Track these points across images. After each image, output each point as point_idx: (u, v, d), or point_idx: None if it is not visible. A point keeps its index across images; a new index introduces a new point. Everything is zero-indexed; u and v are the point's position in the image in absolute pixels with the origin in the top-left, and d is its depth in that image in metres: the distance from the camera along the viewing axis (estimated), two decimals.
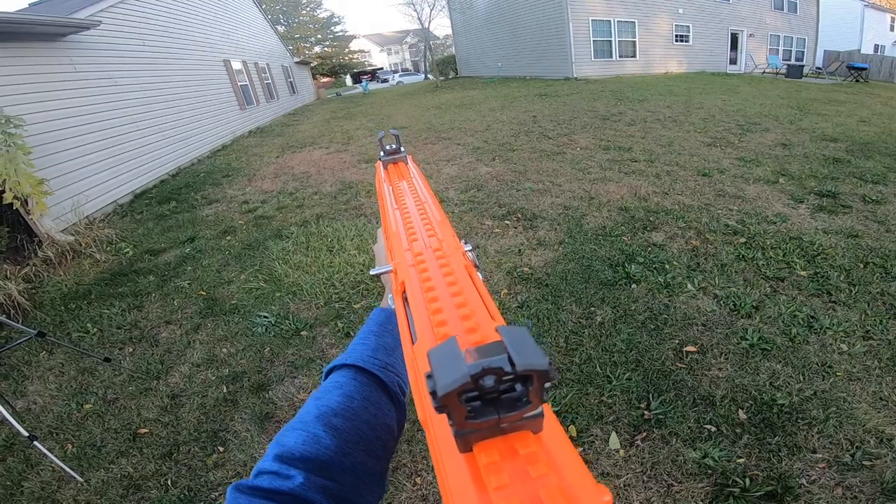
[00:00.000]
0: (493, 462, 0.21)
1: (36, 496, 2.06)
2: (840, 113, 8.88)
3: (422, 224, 0.46)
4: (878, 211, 4.08)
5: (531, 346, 0.21)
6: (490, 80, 19.52)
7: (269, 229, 4.76)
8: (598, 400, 2.21)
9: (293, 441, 0.43)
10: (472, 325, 0.28)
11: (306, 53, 43.70)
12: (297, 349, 2.83)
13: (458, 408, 0.20)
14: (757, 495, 1.72)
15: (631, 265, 3.32)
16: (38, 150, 4.72)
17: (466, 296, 0.32)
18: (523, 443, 0.21)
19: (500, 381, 0.20)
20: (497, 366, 0.20)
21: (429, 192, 0.58)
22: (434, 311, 0.30)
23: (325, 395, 0.48)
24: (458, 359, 0.21)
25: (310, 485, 0.40)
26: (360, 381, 0.50)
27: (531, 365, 0.20)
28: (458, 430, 0.21)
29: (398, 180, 0.63)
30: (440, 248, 0.40)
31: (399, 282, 0.40)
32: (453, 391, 0.19)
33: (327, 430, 0.44)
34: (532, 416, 0.21)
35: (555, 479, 0.19)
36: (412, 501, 1.86)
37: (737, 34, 19.62)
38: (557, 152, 6.57)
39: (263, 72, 15.26)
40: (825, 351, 2.42)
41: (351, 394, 0.48)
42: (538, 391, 0.21)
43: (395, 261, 0.44)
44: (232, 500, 0.39)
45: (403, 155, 0.71)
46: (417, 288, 0.35)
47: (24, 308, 3.59)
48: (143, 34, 8.05)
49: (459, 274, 0.35)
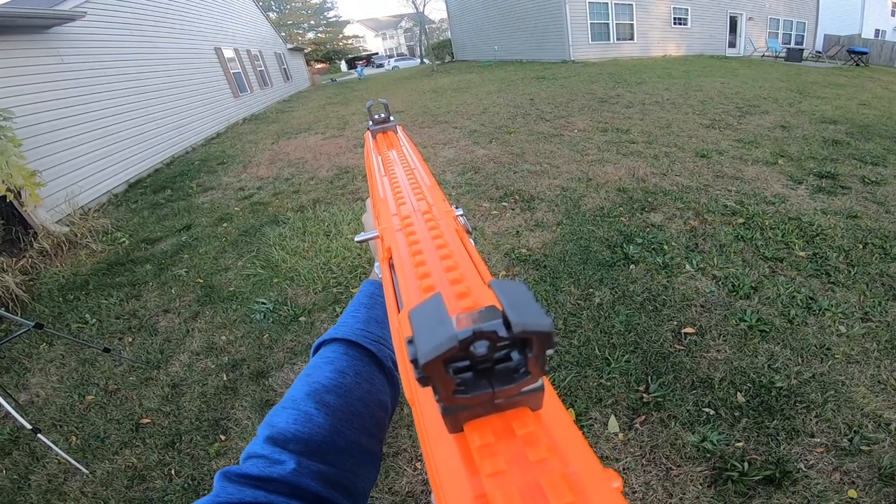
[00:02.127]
0: (487, 444, 0.18)
1: (43, 489, 2.07)
2: (840, 96, 8.80)
3: (410, 188, 0.44)
4: (877, 192, 4.06)
5: (530, 303, 0.18)
6: (487, 64, 19.29)
7: (265, 215, 4.73)
8: (596, 382, 2.22)
9: (284, 421, 0.41)
10: (462, 290, 0.25)
11: (299, 40, 43.14)
12: (295, 335, 2.82)
13: (445, 379, 0.17)
14: (755, 479, 1.72)
15: (629, 246, 3.31)
16: (29, 142, 4.68)
17: (456, 259, 0.29)
18: (521, 422, 0.19)
19: (494, 348, 0.18)
20: (490, 329, 0.17)
21: (419, 159, 0.56)
22: (421, 275, 0.28)
23: (315, 372, 0.46)
24: (444, 319, 0.18)
25: (302, 470, 0.38)
26: (351, 356, 0.48)
27: (531, 325, 0.17)
28: (445, 406, 0.18)
29: (387, 149, 0.61)
30: (429, 210, 0.38)
31: (385, 248, 0.38)
32: (438, 357, 0.16)
33: (319, 408, 0.42)
34: (531, 390, 0.19)
35: (557, 464, 0.17)
36: (413, 486, 1.87)
37: (736, 17, 19.37)
38: (555, 135, 6.52)
39: (256, 59, 15.05)
40: (824, 333, 2.42)
41: (343, 369, 0.46)
42: (539, 359, 0.18)
43: (381, 226, 0.41)
44: (220, 489, 0.37)
45: (393, 124, 0.68)
46: (405, 251, 0.33)
47: (22, 300, 3.58)
48: (130, 24, 7.91)
49: (449, 237, 0.33)
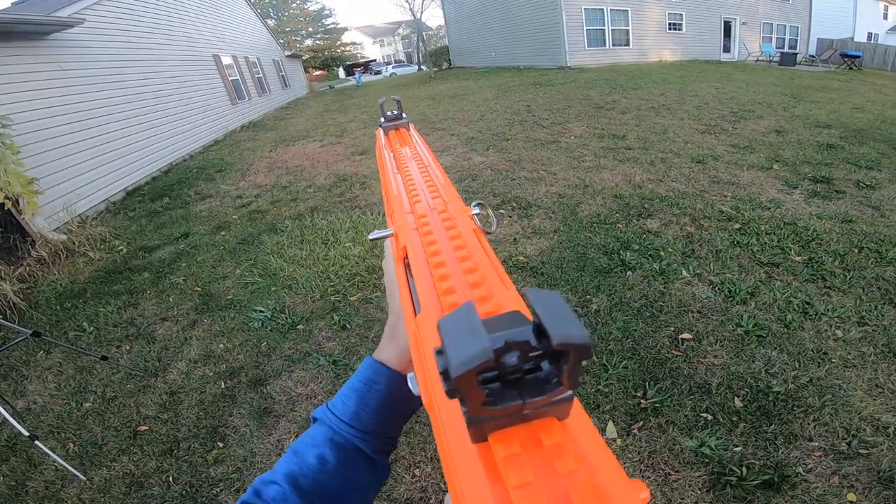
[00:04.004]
0: (514, 454, 0.18)
1: (41, 495, 2.06)
2: (833, 100, 8.87)
3: (425, 186, 0.43)
4: (872, 196, 4.09)
5: (569, 315, 0.17)
6: (484, 71, 19.38)
7: (263, 223, 4.74)
8: (594, 389, 2.22)
9: (270, 496, 0.45)
10: (483, 294, 0.25)
11: (297, 47, 43.27)
12: (293, 343, 2.82)
13: (476, 391, 0.17)
14: (754, 484, 1.73)
15: (626, 252, 3.32)
16: (27, 150, 4.67)
17: (476, 261, 0.29)
18: (548, 432, 0.18)
19: (524, 359, 0.18)
20: (523, 339, 0.17)
21: (432, 157, 0.56)
22: (440, 277, 0.28)
23: (303, 451, 0.48)
24: (477, 330, 0.17)
25: None
26: (335, 444, 0.49)
27: (572, 338, 0.17)
28: (471, 417, 0.18)
29: (400, 146, 0.60)
30: (445, 209, 0.37)
31: (401, 246, 0.37)
32: (471, 370, 0.16)
33: (300, 495, 0.45)
34: (561, 401, 0.18)
35: (585, 475, 0.17)
36: (411, 493, 1.86)
37: (730, 22, 19.51)
38: (552, 141, 6.55)
39: (254, 66, 15.10)
40: (820, 337, 2.43)
41: (324, 457, 0.48)
42: (574, 370, 0.18)
43: (395, 224, 0.41)
44: None
45: (405, 121, 0.67)
46: (421, 252, 0.32)
47: (19, 308, 3.57)
48: (129, 31, 7.94)
49: (468, 237, 0.33)
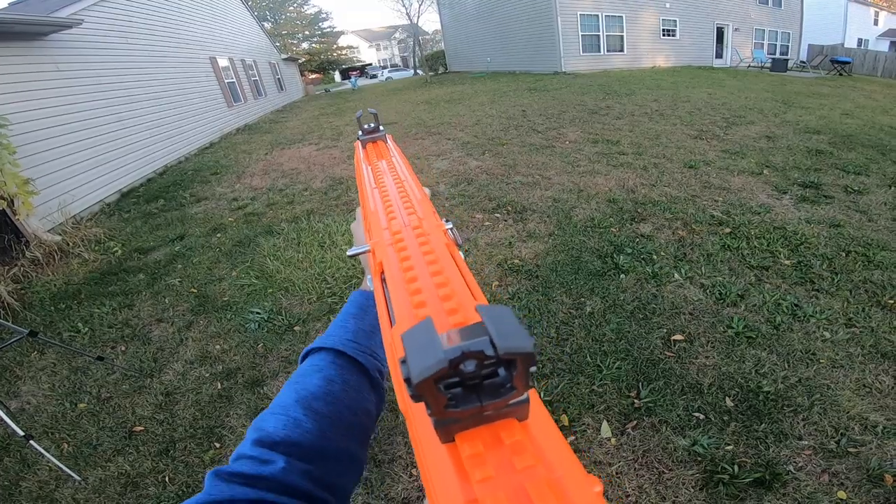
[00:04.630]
0: (477, 453, 0.19)
1: (34, 495, 2.06)
2: (823, 106, 9.01)
3: (401, 202, 0.44)
4: (859, 201, 4.16)
5: (514, 326, 0.19)
6: (479, 75, 19.48)
7: (259, 226, 4.75)
8: (588, 389, 2.25)
9: (273, 426, 0.42)
10: (453, 306, 0.26)
11: (294, 50, 43.20)
12: (290, 344, 2.84)
13: (437, 396, 0.19)
14: (746, 482, 1.76)
15: (619, 256, 3.36)
16: (22, 150, 4.65)
17: (447, 275, 0.30)
18: (508, 432, 0.20)
19: (481, 366, 0.19)
20: (478, 349, 0.19)
21: (409, 170, 0.57)
22: (413, 291, 0.29)
23: (303, 379, 0.47)
24: (435, 342, 0.19)
25: (291, 469, 0.40)
26: (339, 365, 0.49)
27: (514, 347, 0.18)
28: (437, 419, 0.20)
29: (377, 159, 0.61)
30: (420, 226, 0.39)
31: (377, 262, 0.38)
32: (429, 377, 0.18)
33: (307, 414, 0.43)
34: (517, 403, 0.20)
35: (542, 471, 0.19)
36: (408, 492, 1.88)
37: (722, 28, 19.78)
38: (547, 146, 6.61)
39: (251, 69, 15.10)
40: (809, 338, 2.48)
41: (331, 377, 0.47)
42: (523, 376, 0.19)
43: (372, 240, 0.42)
44: (210, 487, 0.38)
45: (382, 134, 0.68)
46: (396, 267, 0.34)
47: (13, 309, 3.56)
48: (126, 32, 7.93)
49: (440, 252, 0.34)
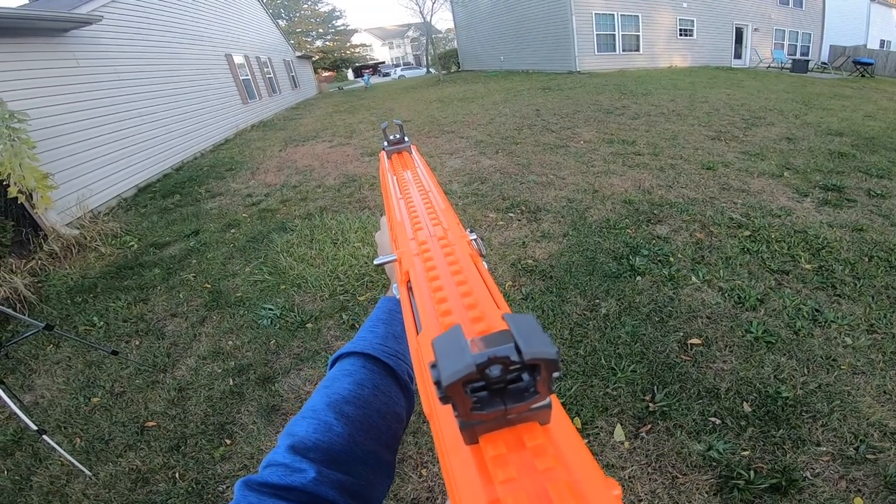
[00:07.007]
0: (500, 454, 0.20)
1: (45, 490, 2.07)
2: (845, 108, 8.81)
3: (426, 213, 0.46)
4: (882, 205, 4.06)
5: (538, 333, 0.21)
6: (493, 74, 19.42)
7: (273, 222, 4.77)
8: (602, 392, 2.22)
9: (304, 430, 0.42)
10: (477, 315, 0.27)
11: (308, 48, 43.48)
12: (302, 341, 2.84)
13: (464, 398, 0.20)
14: (761, 488, 1.72)
15: (635, 257, 3.32)
16: (42, 145, 4.73)
17: (471, 285, 0.31)
18: (530, 435, 0.21)
19: (506, 371, 0.20)
20: (503, 355, 0.20)
21: (433, 181, 0.58)
22: (439, 300, 0.30)
23: (334, 384, 0.47)
24: (463, 347, 0.20)
25: (322, 479, 0.39)
26: (369, 370, 0.49)
27: (539, 353, 0.19)
28: (463, 421, 0.20)
29: (402, 170, 0.63)
30: (445, 236, 0.40)
31: (403, 271, 0.39)
32: (458, 381, 0.19)
33: (339, 418, 0.43)
34: (540, 407, 0.21)
35: (562, 473, 0.19)
36: (418, 493, 1.87)
37: (741, 28, 19.46)
38: (561, 146, 6.55)
39: (265, 66, 15.22)
40: (829, 344, 2.42)
41: (361, 381, 0.47)
42: (546, 381, 0.20)
43: (399, 250, 0.43)
44: (241, 498, 0.37)
45: (407, 145, 0.70)
46: (422, 277, 0.35)
47: (30, 302, 3.61)
48: (145, 29, 8.03)
49: (464, 263, 0.35)
